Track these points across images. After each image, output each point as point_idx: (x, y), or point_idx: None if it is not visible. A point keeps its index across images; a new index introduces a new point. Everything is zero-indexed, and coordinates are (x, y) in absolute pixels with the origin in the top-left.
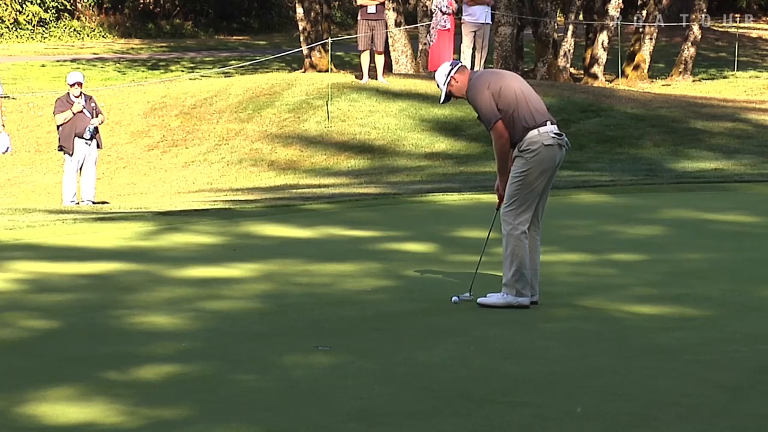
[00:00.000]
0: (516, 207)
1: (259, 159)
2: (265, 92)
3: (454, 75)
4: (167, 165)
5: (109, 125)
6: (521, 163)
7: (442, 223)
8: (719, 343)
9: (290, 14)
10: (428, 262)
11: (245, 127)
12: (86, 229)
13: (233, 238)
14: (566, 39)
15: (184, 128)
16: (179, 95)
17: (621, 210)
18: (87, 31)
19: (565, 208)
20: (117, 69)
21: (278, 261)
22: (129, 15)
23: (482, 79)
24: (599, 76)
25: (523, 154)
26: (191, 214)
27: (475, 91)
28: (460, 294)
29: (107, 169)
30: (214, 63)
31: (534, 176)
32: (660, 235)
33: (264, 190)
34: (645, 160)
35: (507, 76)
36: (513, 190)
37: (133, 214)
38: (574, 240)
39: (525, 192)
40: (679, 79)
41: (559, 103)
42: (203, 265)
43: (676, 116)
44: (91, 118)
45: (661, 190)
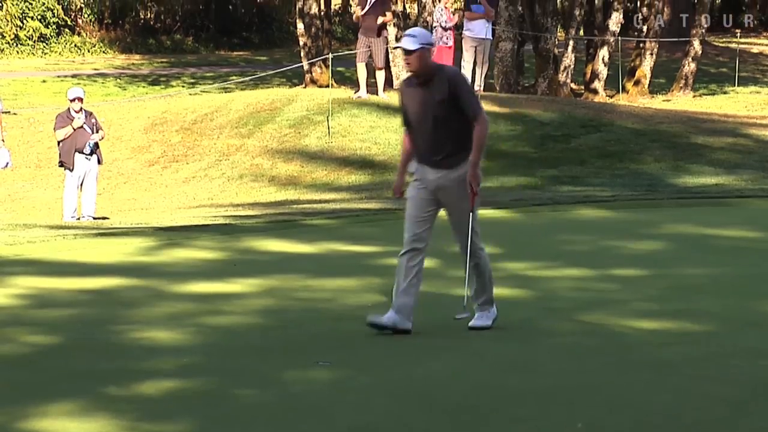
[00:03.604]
0: (478, 235)
1: (259, 174)
2: (265, 108)
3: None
4: (168, 180)
5: (110, 141)
6: (467, 189)
7: (442, 238)
8: (720, 358)
9: (291, 29)
10: (429, 278)
11: (246, 143)
12: (87, 244)
13: (234, 253)
14: (567, 54)
15: (185, 144)
16: (180, 111)
17: (622, 225)
18: (88, 47)
19: (566, 224)
20: (118, 84)
21: (279, 276)
22: (130, 30)
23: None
24: (600, 92)
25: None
26: (192, 230)
27: (463, 79)
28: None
29: (108, 185)
30: (215, 78)
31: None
32: (661, 250)
33: (265, 206)
34: (646, 176)
35: None
36: (472, 221)
37: (133, 229)
38: (575, 255)
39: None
40: (679, 95)
41: (559, 119)
42: (204, 281)
43: (676, 131)
44: (91, 133)
45: (662, 205)
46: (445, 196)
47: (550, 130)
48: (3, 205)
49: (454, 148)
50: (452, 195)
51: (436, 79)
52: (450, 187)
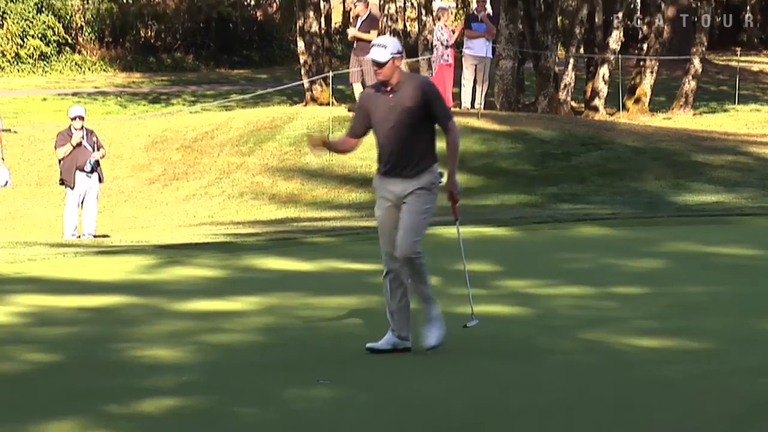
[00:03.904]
0: (421, 241)
1: (260, 192)
2: (266, 126)
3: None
4: (168, 198)
5: (110, 159)
6: (429, 198)
7: (443, 256)
8: (721, 376)
9: (291, 47)
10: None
11: (246, 161)
12: (87, 262)
13: (234, 271)
14: (567, 72)
15: (185, 162)
16: (180, 129)
17: (622, 243)
18: (88, 65)
19: (566, 241)
20: (118, 103)
21: (279, 294)
22: (130, 49)
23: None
24: (600, 110)
25: (432, 189)
26: (192, 248)
27: (435, 87)
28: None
29: (108, 203)
30: (215, 96)
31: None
32: (661, 269)
33: (265, 224)
34: (646, 193)
35: None
36: (422, 225)
37: (134, 247)
38: (576, 273)
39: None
40: (680, 113)
41: (560, 137)
42: (204, 299)
43: (677, 149)
44: (92, 151)
45: (663, 223)
46: (404, 202)
47: (550, 148)
48: (3, 223)
49: (420, 158)
50: (409, 199)
51: (406, 86)
52: (411, 193)
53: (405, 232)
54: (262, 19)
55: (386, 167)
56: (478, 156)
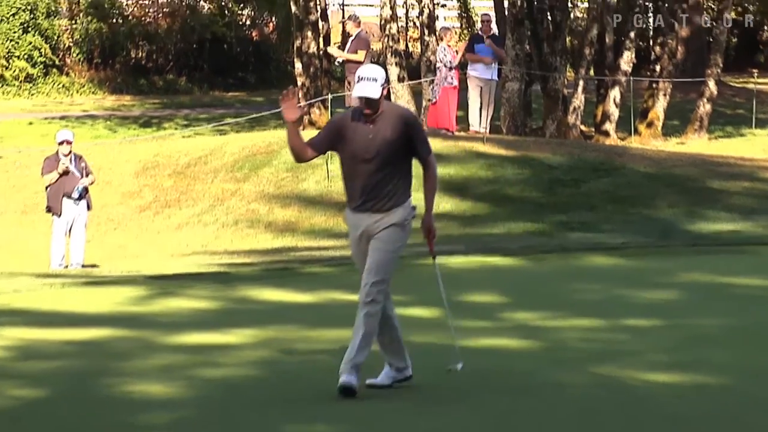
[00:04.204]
0: (388, 285)
1: (255, 220)
2: (262, 150)
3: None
4: (160, 227)
5: (99, 185)
6: (402, 236)
7: (447, 286)
8: (736, 411)
9: (288, 69)
10: (432, 328)
11: (241, 187)
12: (75, 293)
13: (229, 302)
14: (576, 95)
15: (178, 188)
16: (172, 154)
17: (634, 273)
18: (76, 88)
19: (575, 272)
20: (107, 126)
21: (276, 327)
22: (120, 70)
23: None
24: (611, 134)
25: (405, 225)
26: (185, 278)
27: (418, 119)
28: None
29: (97, 231)
30: (209, 120)
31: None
32: (675, 300)
33: (261, 253)
34: (659, 222)
35: None
36: (391, 265)
37: (124, 278)
38: (585, 304)
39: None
40: (694, 137)
41: (569, 162)
42: (198, 331)
43: (691, 175)
44: (80, 177)
45: (676, 253)
46: (375, 237)
47: (558, 174)
48: None
49: (395, 192)
50: (381, 236)
51: (388, 116)
52: (382, 229)
53: (369, 273)
54: (258, 40)
55: (359, 201)
56: (483, 182)
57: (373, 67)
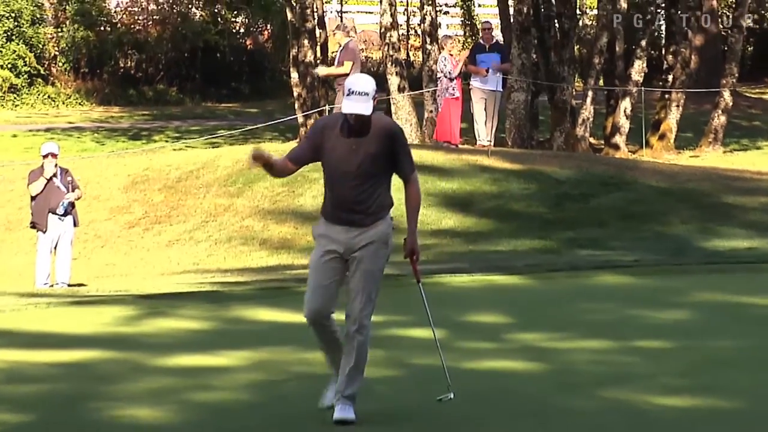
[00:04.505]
0: (374, 308)
1: (250, 237)
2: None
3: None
4: (149, 244)
5: (86, 200)
6: (385, 252)
7: (450, 307)
8: None
9: (284, 79)
10: (433, 350)
11: (235, 203)
12: (61, 313)
13: (222, 323)
14: (585, 106)
15: (168, 203)
16: (163, 167)
17: (646, 293)
18: (62, 98)
19: (585, 291)
20: (95, 139)
21: (271, 348)
22: (108, 80)
23: None
24: (621, 147)
25: (388, 241)
26: (176, 298)
27: (403, 134)
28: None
29: (84, 249)
30: (201, 132)
31: None
32: (688, 320)
33: (255, 271)
34: (672, 239)
35: None
36: (377, 288)
37: (112, 297)
38: (595, 325)
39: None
40: (708, 150)
41: (577, 176)
42: (189, 353)
43: (705, 190)
44: (66, 192)
45: (690, 271)
46: (357, 256)
47: (566, 189)
48: None
49: (374, 206)
50: (364, 255)
51: (373, 128)
52: (364, 247)
53: (356, 299)
54: (253, 48)
55: (338, 213)
56: (487, 197)
57: (364, 80)
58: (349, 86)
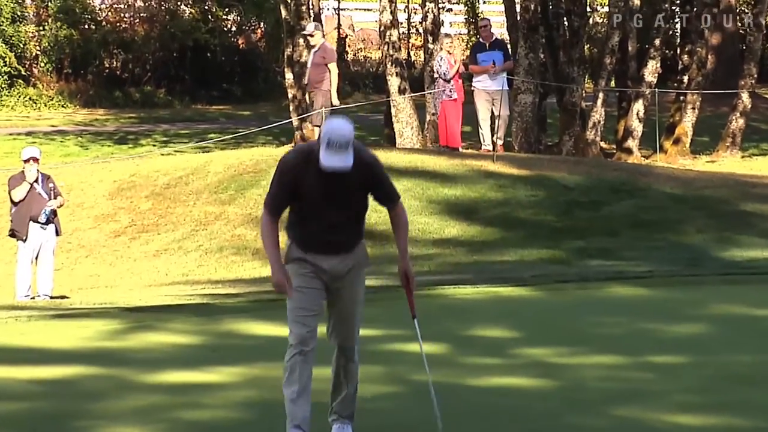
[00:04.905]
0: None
1: (242, 247)
2: (249, 170)
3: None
4: (136, 254)
5: (70, 208)
6: (364, 273)
7: (453, 320)
8: None
9: (278, 80)
10: (438, 366)
11: (226, 210)
12: (43, 327)
13: (213, 337)
14: (596, 108)
15: (156, 211)
16: (150, 173)
17: (659, 305)
18: (44, 100)
19: (596, 303)
20: (79, 143)
21: (265, 364)
22: (93, 81)
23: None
24: (634, 151)
25: (367, 260)
26: (164, 311)
27: (380, 163)
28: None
29: (67, 259)
30: (191, 136)
31: None
32: (704, 334)
33: (248, 283)
34: (687, 248)
35: None
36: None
37: (97, 310)
38: (606, 339)
39: None
40: (726, 155)
41: (587, 182)
42: (178, 369)
43: (722, 197)
44: (48, 199)
45: (706, 283)
46: (340, 283)
47: (576, 196)
48: None
49: (355, 233)
50: (348, 281)
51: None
52: (347, 273)
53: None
54: (245, 48)
55: (315, 243)
56: (493, 204)
57: (343, 128)
58: (328, 135)
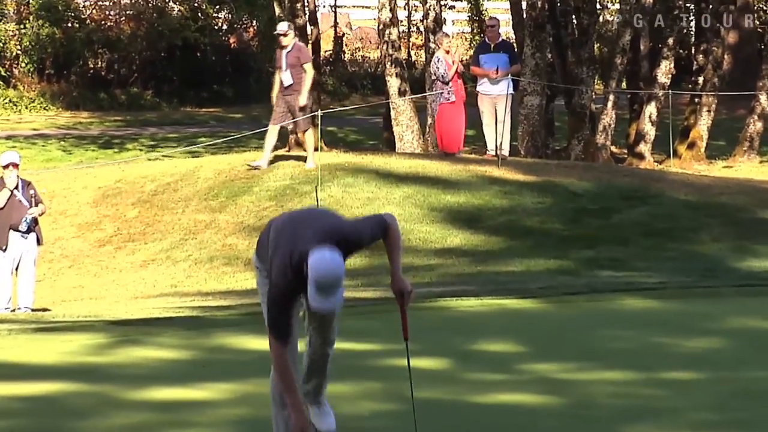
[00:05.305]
0: None
1: (233, 257)
2: (241, 176)
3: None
4: (122, 264)
5: (52, 216)
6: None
7: (457, 334)
8: None
9: (271, 81)
10: (440, 382)
11: (217, 218)
12: (24, 342)
13: (203, 352)
14: (606, 111)
15: (143, 219)
16: (137, 179)
17: (673, 318)
18: (25, 102)
19: (605, 316)
20: (62, 148)
21: (257, 380)
22: (76, 83)
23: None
24: (646, 156)
25: None
26: (152, 324)
27: (358, 238)
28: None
29: (49, 269)
30: (180, 140)
31: None
32: (720, 349)
33: (240, 294)
34: (702, 258)
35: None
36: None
37: (80, 323)
38: (617, 354)
39: None
40: (743, 160)
41: (597, 189)
42: (166, 386)
43: (740, 204)
44: (29, 207)
45: (722, 295)
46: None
47: (585, 203)
48: None
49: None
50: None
51: None
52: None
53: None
54: (237, 47)
55: None
56: (498, 212)
57: (331, 271)
58: (315, 279)
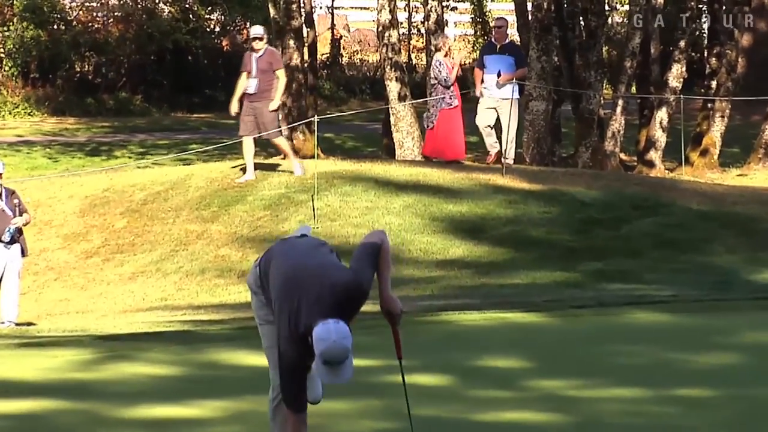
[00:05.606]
0: None
1: (226, 269)
2: (233, 184)
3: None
4: (110, 276)
5: (37, 226)
6: None
7: (459, 349)
8: None
9: None
10: (441, 399)
11: (209, 229)
12: (8, 357)
13: (195, 368)
14: (615, 117)
15: (132, 230)
16: (126, 188)
17: (685, 333)
18: (9, 108)
19: (615, 331)
20: (47, 155)
21: (252, 397)
22: (62, 87)
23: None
24: (657, 164)
25: None
26: (141, 339)
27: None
28: None
29: (34, 282)
30: (170, 147)
31: None
32: (735, 365)
33: (233, 308)
34: (715, 270)
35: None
36: None
37: (67, 338)
38: (627, 370)
39: None
40: (758, 168)
41: (605, 198)
42: (157, 403)
43: (754, 214)
44: (12, 216)
45: (737, 308)
46: None
47: (593, 213)
48: None
49: None
50: None
51: None
52: None
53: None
54: (230, 50)
55: None
56: (502, 222)
57: (337, 346)
58: (323, 356)
